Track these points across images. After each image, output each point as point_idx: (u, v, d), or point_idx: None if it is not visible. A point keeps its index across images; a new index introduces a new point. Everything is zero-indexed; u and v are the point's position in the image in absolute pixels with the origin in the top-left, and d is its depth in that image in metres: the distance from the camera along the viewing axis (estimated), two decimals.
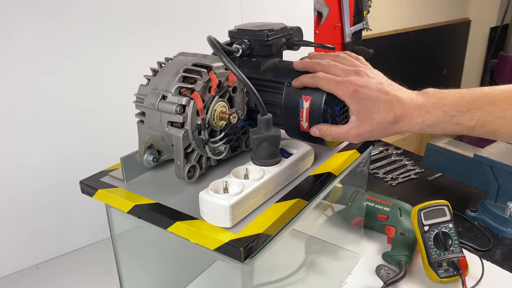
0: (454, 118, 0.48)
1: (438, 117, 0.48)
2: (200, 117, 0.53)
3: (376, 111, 0.50)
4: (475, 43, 2.68)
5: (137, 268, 0.71)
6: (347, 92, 0.51)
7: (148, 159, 0.58)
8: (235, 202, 0.47)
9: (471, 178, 1.02)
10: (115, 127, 0.88)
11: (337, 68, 0.55)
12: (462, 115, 0.48)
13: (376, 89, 0.51)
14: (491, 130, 0.47)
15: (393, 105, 0.49)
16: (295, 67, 0.59)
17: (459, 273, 0.72)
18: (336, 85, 0.53)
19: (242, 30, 0.63)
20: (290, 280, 0.77)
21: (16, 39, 0.75)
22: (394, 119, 0.50)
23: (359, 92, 0.51)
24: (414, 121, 0.49)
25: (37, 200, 0.84)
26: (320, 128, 0.56)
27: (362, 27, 1.60)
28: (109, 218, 0.61)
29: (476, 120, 0.47)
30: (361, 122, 0.51)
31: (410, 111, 0.49)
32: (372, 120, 0.50)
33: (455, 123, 0.48)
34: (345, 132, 0.53)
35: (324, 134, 0.56)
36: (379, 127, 0.50)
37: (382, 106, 0.50)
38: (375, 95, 0.50)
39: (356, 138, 0.53)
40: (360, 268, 0.82)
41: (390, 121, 0.50)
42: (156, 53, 0.64)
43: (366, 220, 0.87)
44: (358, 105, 0.51)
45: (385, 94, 0.50)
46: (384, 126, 0.50)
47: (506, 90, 0.48)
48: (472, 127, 0.48)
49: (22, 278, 0.84)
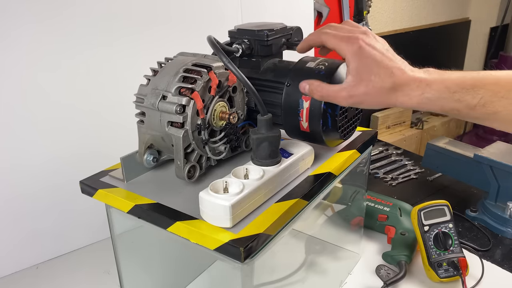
0: (456, 94, 0.45)
1: (439, 91, 0.46)
2: (200, 117, 0.53)
3: (376, 73, 0.47)
4: (475, 43, 2.68)
5: (137, 268, 0.71)
6: (351, 47, 0.49)
7: (148, 159, 0.58)
8: (235, 202, 0.47)
9: (471, 178, 1.02)
10: (115, 127, 0.88)
11: (343, 29, 0.52)
12: (465, 92, 0.45)
13: (381, 52, 0.48)
14: (493, 110, 0.45)
15: (394, 72, 0.47)
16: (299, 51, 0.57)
17: (459, 273, 0.72)
18: (340, 40, 0.50)
19: (242, 30, 0.63)
20: (290, 280, 0.77)
21: (14, 38, 0.75)
22: (392, 87, 0.47)
23: (364, 49, 0.48)
24: (413, 92, 0.47)
25: (37, 200, 0.84)
26: (310, 83, 0.52)
27: None
28: (109, 218, 0.61)
29: (479, 99, 0.45)
30: (357, 83, 0.48)
31: (410, 82, 0.47)
32: (369, 83, 0.48)
33: (456, 99, 0.46)
34: (336, 91, 0.50)
35: (314, 90, 0.52)
36: (374, 92, 0.48)
37: (383, 70, 0.47)
38: (379, 57, 0.48)
39: (347, 99, 0.49)
40: (360, 268, 0.82)
41: (387, 88, 0.47)
42: (155, 53, 0.64)
43: (366, 220, 0.87)
44: (358, 63, 0.48)
45: (389, 60, 0.48)
46: (380, 93, 0.47)
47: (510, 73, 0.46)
48: (474, 106, 0.45)
49: (22, 278, 0.84)
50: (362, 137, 0.71)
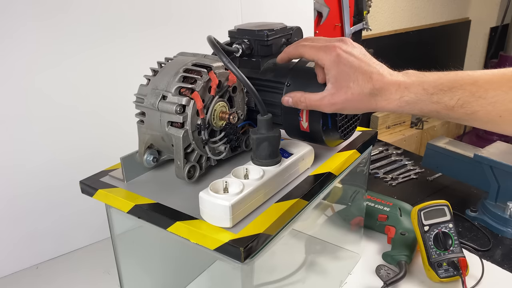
0: (434, 96, 0.46)
1: (418, 94, 0.47)
2: (200, 117, 0.53)
3: (355, 80, 0.48)
4: (475, 43, 2.68)
5: (137, 268, 0.71)
6: (329, 56, 0.49)
7: (148, 159, 0.58)
8: (235, 202, 0.47)
9: (471, 178, 1.02)
10: (115, 127, 0.88)
11: (320, 40, 0.53)
12: (443, 94, 0.46)
13: (358, 58, 0.49)
14: (471, 111, 0.45)
15: (372, 77, 0.48)
16: (278, 61, 0.58)
17: (459, 273, 0.72)
18: (318, 50, 0.51)
19: (242, 30, 0.63)
20: (290, 280, 0.77)
21: (15, 39, 0.75)
22: (371, 92, 0.48)
23: (342, 57, 0.49)
24: (392, 96, 0.47)
25: (37, 200, 0.84)
26: (293, 96, 0.54)
27: (362, 27, 1.60)
28: (109, 218, 0.61)
29: (457, 100, 0.45)
30: (337, 90, 0.49)
31: (389, 86, 0.47)
32: (348, 90, 0.49)
33: (434, 101, 0.46)
34: (319, 99, 0.51)
35: (298, 101, 0.53)
36: (354, 98, 0.49)
37: (362, 76, 0.48)
38: (357, 63, 0.48)
39: (329, 107, 0.50)
40: (360, 268, 0.82)
41: (366, 93, 0.48)
42: (155, 53, 0.64)
43: (366, 220, 0.87)
44: (337, 71, 0.49)
45: (367, 65, 0.49)
46: (359, 98, 0.48)
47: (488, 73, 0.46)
48: (452, 107, 0.46)
49: (22, 278, 0.84)
50: (362, 137, 0.71)
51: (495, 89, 0.44)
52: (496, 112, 0.44)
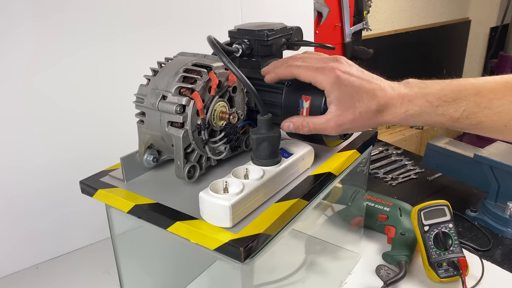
0: (439, 108, 0.46)
1: (422, 107, 0.46)
2: (200, 117, 0.53)
3: (359, 99, 0.47)
4: (475, 43, 2.68)
5: (137, 268, 0.71)
6: (328, 78, 0.48)
7: (148, 159, 0.58)
8: (235, 202, 0.47)
9: (471, 178, 1.02)
10: (115, 127, 0.88)
11: (312, 58, 0.52)
12: (447, 105, 0.45)
13: (358, 76, 0.48)
14: (477, 121, 0.45)
15: (376, 94, 0.47)
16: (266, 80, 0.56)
17: (459, 273, 0.72)
18: (315, 72, 0.49)
19: (242, 30, 0.63)
20: (290, 280, 0.77)
21: (13, 39, 0.75)
22: (377, 108, 0.47)
23: (342, 78, 0.48)
24: (397, 111, 0.47)
25: (37, 200, 0.84)
26: (294, 121, 0.52)
27: (362, 27, 1.60)
28: (109, 218, 0.61)
29: (462, 111, 0.45)
30: (342, 112, 0.48)
31: (393, 100, 0.47)
32: (355, 110, 0.48)
33: (439, 113, 0.46)
34: (324, 122, 0.50)
35: (300, 126, 0.51)
36: (362, 117, 0.48)
37: (366, 94, 0.47)
38: (358, 83, 0.48)
39: (336, 129, 0.49)
40: (360, 268, 0.82)
41: (373, 110, 0.47)
42: (155, 53, 0.64)
43: (366, 220, 0.87)
44: (340, 93, 0.48)
45: (368, 82, 0.48)
46: (367, 117, 0.48)
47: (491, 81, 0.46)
48: (457, 118, 0.45)
49: (22, 278, 0.84)
50: (362, 137, 0.71)
51: (499, 98, 0.44)
52: (501, 121, 0.45)
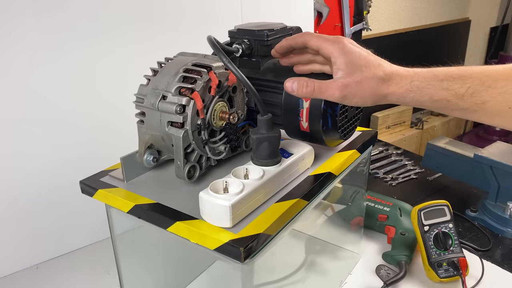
0: (444, 82, 0.47)
1: (428, 79, 0.47)
2: (200, 117, 0.53)
3: (366, 66, 0.48)
4: (475, 43, 2.68)
5: (137, 268, 0.71)
6: (336, 45, 0.50)
7: (148, 159, 0.58)
8: (235, 202, 0.47)
9: (471, 178, 1.02)
10: (115, 127, 0.88)
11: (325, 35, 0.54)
12: (453, 80, 0.47)
13: (365, 50, 0.50)
14: (481, 100, 0.46)
15: (381, 64, 0.49)
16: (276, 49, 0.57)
17: (459, 273, 0.72)
18: (324, 40, 0.51)
19: (242, 30, 0.63)
20: (290, 280, 0.77)
21: (13, 39, 0.75)
22: (383, 76, 0.48)
23: (349, 46, 0.50)
24: (402, 81, 0.48)
25: (38, 201, 0.84)
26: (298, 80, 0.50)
27: (362, 27, 1.60)
28: (109, 218, 0.61)
29: (467, 88, 0.46)
30: (349, 75, 0.49)
31: (399, 71, 0.48)
32: (362, 73, 0.48)
33: (445, 87, 0.47)
34: (329, 82, 0.49)
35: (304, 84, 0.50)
36: (367, 82, 0.48)
37: (372, 63, 0.49)
38: (365, 54, 0.50)
39: (341, 89, 0.48)
40: (360, 268, 0.82)
41: (379, 77, 0.48)
42: (155, 53, 0.64)
43: (366, 220, 0.87)
44: (347, 58, 0.49)
45: (373, 56, 0.50)
46: (373, 82, 0.48)
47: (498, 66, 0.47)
48: (462, 95, 0.46)
49: (22, 278, 0.84)
50: (362, 137, 0.71)
51: (504, 79, 0.45)
52: (505, 103, 0.45)
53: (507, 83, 0.45)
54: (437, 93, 0.47)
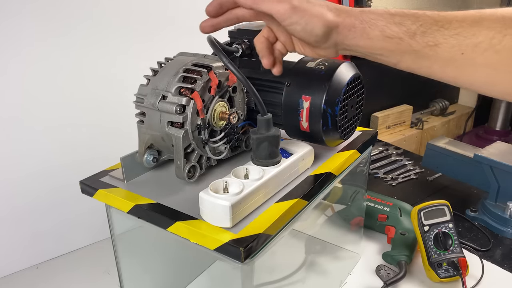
0: (396, 17, 0.45)
1: (379, 13, 0.45)
2: (200, 117, 0.53)
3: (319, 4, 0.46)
4: None
5: (137, 268, 0.71)
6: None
7: (148, 159, 0.58)
8: (235, 202, 0.47)
9: (471, 178, 1.02)
10: (115, 127, 0.88)
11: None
12: (404, 17, 0.44)
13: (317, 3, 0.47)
14: (434, 42, 0.43)
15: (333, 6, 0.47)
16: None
17: (459, 273, 0.72)
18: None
19: (242, 30, 0.63)
20: (290, 280, 0.77)
21: (14, 40, 0.75)
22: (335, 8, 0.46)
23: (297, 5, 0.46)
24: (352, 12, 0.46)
25: (38, 201, 0.84)
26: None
27: None
28: (109, 218, 0.61)
29: (419, 25, 0.44)
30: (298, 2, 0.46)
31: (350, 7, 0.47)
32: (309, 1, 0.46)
33: (397, 22, 0.44)
34: None
35: None
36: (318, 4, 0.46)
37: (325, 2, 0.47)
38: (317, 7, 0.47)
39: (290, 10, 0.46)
40: (360, 268, 0.82)
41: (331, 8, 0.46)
42: (155, 53, 0.64)
43: (366, 220, 0.87)
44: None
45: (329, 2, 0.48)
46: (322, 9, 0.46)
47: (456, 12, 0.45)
48: (413, 33, 0.44)
49: (22, 278, 0.84)
50: (362, 137, 0.71)
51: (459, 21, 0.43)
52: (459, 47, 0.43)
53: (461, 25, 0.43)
54: (389, 27, 0.45)
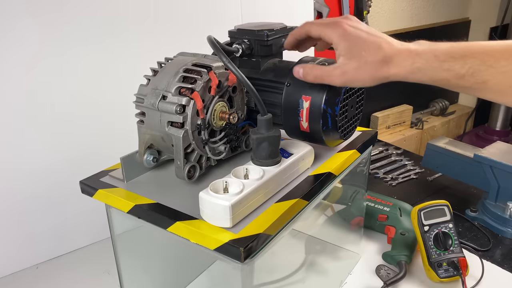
0: (445, 64, 0.47)
1: (429, 61, 0.47)
2: (200, 117, 0.53)
3: (366, 49, 0.49)
4: None
5: (137, 268, 0.71)
6: (336, 31, 0.50)
7: (148, 159, 0.58)
8: (235, 202, 0.47)
9: (471, 178, 1.02)
10: (115, 127, 0.88)
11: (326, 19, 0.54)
12: (454, 61, 0.46)
13: (366, 31, 0.50)
14: (482, 80, 0.46)
15: (382, 46, 0.49)
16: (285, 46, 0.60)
17: (459, 273, 0.72)
18: (324, 26, 0.52)
19: (242, 30, 0.63)
20: (290, 280, 0.77)
21: (15, 40, 0.75)
22: (383, 59, 0.48)
23: (349, 30, 0.50)
24: (403, 63, 0.48)
25: (37, 200, 0.84)
26: (304, 66, 0.54)
27: None
28: (109, 218, 0.61)
29: (467, 68, 0.46)
30: (349, 60, 0.50)
31: (400, 53, 0.48)
32: (361, 58, 0.49)
33: (445, 68, 0.47)
34: (330, 69, 0.51)
35: (308, 71, 0.54)
36: (367, 67, 0.49)
37: (372, 45, 0.49)
38: (365, 35, 0.50)
39: (341, 76, 0.50)
40: (360, 268, 0.82)
41: (379, 60, 0.48)
42: (155, 53, 0.64)
43: (366, 220, 0.87)
44: (346, 43, 0.50)
45: (375, 36, 0.50)
46: (372, 67, 0.49)
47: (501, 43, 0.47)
48: (462, 75, 0.46)
49: (22, 278, 0.84)
50: (362, 137, 0.71)
51: (506, 58, 0.45)
52: (506, 81, 0.45)
53: (509, 63, 0.45)
54: (438, 74, 0.47)
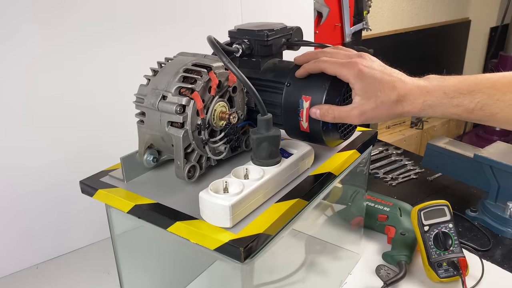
0: (455, 100, 0.49)
1: (439, 98, 0.50)
2: (200, 117, 0.53)
3: (381, 89, 0.51)
4: (475, 43, 2.68)
5: (137, 268, 0.71)
6: (351, 71, 0.52)
7: (148, 159, 0.58)
8: (235, 202, 0.47)
9: (471, 178, 1.02)
10: (115, 127, 0.88)
11: (339, 54, 0.56)
12: (463, 97, 0.49)
13: (380, 70, 0.52)
14: (490, 113, 0.49)
15: (396, 85, 0.51)
16: (296, 61, 0.60)
17: (459, 273, 0.72)
18: (340, 66, 0.54)
19: (242, 30, 0.63)
20: (290, 280, 0.77)
21: (16, 39, 0.75)
22: (397, 99, 0.51)
23: (364, 71, 0.52)
24: (416, 101, 0.51)
25: (37, 200, 0.84)
26: (321, 108, 0.56)
27: (362, 27, 1.60)
28: (109, 218, 0.61)
29: (476, 103, 0.49)
30: (366, 101, 0.52)
31: (412, 92, 0.51)
32: (377, 99, 0.51)
33: (455, 104, 0.50)
34: (348, 110, 0.53)
35: (326, 113, 0.55)
36: (383, 106, 0.51)
37: (386, 85, 0.51)
38: (380, 75, 0.52)
39: (359, 116, 0.53)
40: (360, 268, 0.82)
41: (393, 100, 0.51)
42: (156, 53, 0.64)
43: (366, 220, 0.87)
44: (363, 84, 0.52)
45: (389, 75, 0.52)
46: (388, 106, 0.51)
47: (507, 75, 0.50)
48: (472, 110, 0.49)
49: (22, 278, 0.84)
50: (362, 137, 0.71)
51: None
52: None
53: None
54: (448, 110, 0.50)
